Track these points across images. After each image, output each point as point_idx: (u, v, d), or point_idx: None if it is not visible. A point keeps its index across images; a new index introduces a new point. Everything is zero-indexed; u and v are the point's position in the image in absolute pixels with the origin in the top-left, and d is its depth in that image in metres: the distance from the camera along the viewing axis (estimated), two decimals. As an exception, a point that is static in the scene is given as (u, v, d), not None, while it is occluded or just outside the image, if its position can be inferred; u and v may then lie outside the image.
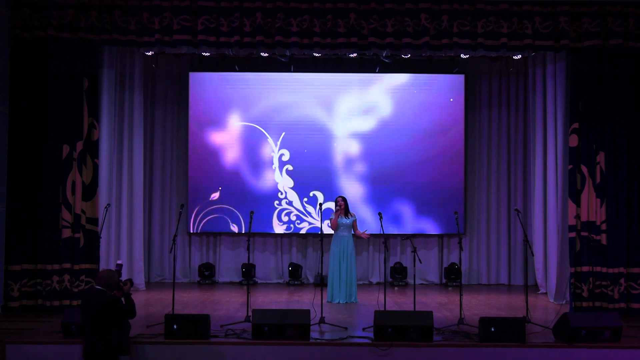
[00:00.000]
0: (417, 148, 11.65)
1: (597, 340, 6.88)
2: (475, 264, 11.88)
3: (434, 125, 11.66)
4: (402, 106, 11.67)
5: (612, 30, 8.67)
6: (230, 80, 11.67)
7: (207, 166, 11.65)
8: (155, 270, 11.78)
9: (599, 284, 8.65)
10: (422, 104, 11.67)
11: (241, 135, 11.63)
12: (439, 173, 11.66)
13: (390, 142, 11.65)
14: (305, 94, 11.65)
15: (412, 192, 11.64)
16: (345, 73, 11.64)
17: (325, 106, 11.66)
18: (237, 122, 11.61)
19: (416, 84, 11.68)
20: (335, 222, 9.54)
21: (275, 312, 7.23)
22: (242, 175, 11.67)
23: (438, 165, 11.65)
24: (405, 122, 11.66)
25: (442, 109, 11.68)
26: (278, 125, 11.65)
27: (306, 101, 11.65)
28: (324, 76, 11.65)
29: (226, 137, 11.64)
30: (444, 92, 11.70)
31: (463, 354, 6.82)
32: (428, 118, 11.66)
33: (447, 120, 11.66)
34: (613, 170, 8.79)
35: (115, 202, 10.41)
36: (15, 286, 8.47)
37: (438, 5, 8.73)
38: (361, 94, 11.68)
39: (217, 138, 11.63)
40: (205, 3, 8.64)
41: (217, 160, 11.65)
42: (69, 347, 6.74)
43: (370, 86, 11.68)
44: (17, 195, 8.57)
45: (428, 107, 11.67)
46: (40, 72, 8.70)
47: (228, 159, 11.66)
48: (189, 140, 11.66)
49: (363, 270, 11.68)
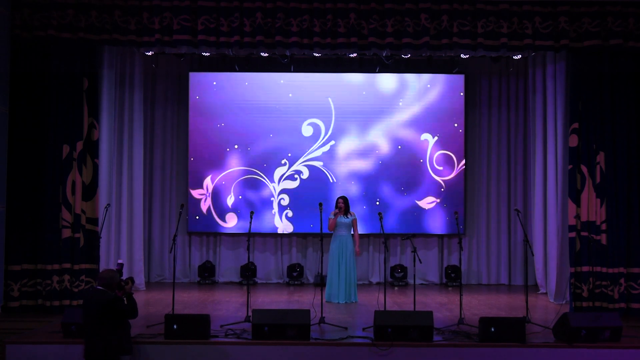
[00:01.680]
0: (417, 148, 11.67)
1: (597, 340, 6.88)
2: (475, 264, 11.88)
3: (434, 125, 11.67)
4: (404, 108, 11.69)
5: (612, 30, 8.67)
6: (230, 80, 11.68)
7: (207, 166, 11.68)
8: (155, 270, 11.78)
9: (599, 284, 8.65)
10: (423, 104, 11.68)
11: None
12: (439, 173, 11.66)
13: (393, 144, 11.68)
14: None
15: (412, 190, 11.66)
16: (345, 73, 11.64)
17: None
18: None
19: (416, 84, 11.69)
20: (333, 223, 9.53)
21: (275, 312, 7.22)
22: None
23: (438, 165, 11.66)
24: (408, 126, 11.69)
25: (442, 109, 11.68)
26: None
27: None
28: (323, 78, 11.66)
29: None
30: (444, 92, 11.70)
31: (463, 354, 6.82)
32: (428, 118, 11.67)
33: (447, 120, 11.67)
34: (613, 170, 8.79)
35: (115, 202, 10.41)
36: (15, 286, 8.46)
37: (438, 5, 8.73)
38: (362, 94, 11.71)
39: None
40: (205, 3, 8.64)
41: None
42: (69, 347, 6.74)
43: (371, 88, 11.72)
44: (17, 195, 8.57)
45: (428, 107, 11.68)
46: (40, 72, 8.70)
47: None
48: (189, 140, 11.66)
49: (363, 270, 11.68)
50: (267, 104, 11.65)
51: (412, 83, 11.67)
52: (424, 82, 11.68)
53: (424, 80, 11.69)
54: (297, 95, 11.66)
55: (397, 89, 11.68)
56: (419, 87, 11.68)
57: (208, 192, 11.62)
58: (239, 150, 11.64)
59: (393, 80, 11.67)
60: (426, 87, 11.67)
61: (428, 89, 11.67)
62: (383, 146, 11.67)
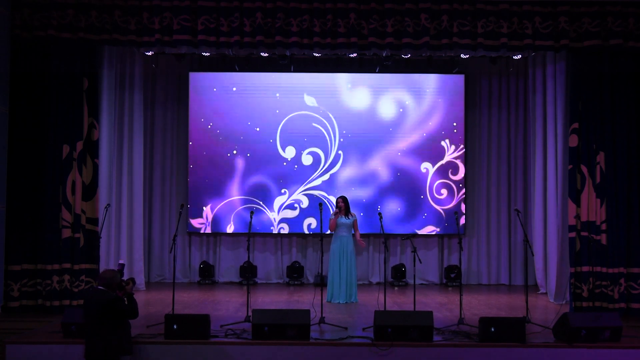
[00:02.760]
0: (417, 148, 11.68)
1: (597, 340, 6.88)
2: (475, 264, 11.88)
3: (434, 125, 11.67)
4: (404, 108, 11.69)
5: (612, 30, 8.67)
6: (230, 80, 11.67)
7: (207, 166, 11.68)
8: (155, 270, 11.78)
9: (599, 284, 8.65)
10: (423, 104, 11.68)
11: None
12: (439, 173, 11.67)
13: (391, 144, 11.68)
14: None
15: (411, 191, 11.65)
16: (345, 73, 11.65)
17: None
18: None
19: (416, 84, 11.69)
20: (333, 224, 9.53)
21: (275, 312, 7.22)
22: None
23: (438, 165, 11.66)
24: (407, 124, 11.69)
25: (442, 109, 11.69)
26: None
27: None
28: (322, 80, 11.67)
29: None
30: (445, 92, 11.71)
31: (463, 354, 6.82)
32: (428, 118, 11.67)
33: (447, 120, 11.67)
34: (613, 170, 8.79)
35: (115, 202, 10.41)
36: (15, 286, 8.46)
37: (438, 5, 8.73)
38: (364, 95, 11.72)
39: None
40: (205, 3, 8.63)
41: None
42: (69, 347, 6.74)
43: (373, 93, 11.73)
44: (17, 195, 8.57)
45: (428, 107, 11.68)
46: (40, 72, 8.69)
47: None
48: (189, 140, 11.66)
49: (363, 270, 11.68)
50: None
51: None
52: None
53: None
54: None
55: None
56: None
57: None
58: (240, 155, 11.64)
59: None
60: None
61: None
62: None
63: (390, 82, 11.67)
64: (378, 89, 11.69)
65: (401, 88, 11.68)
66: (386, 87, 11.68)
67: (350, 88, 11.68)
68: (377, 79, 11.66)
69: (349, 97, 11.68)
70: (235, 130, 11.65)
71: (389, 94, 11.68)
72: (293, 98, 11.67)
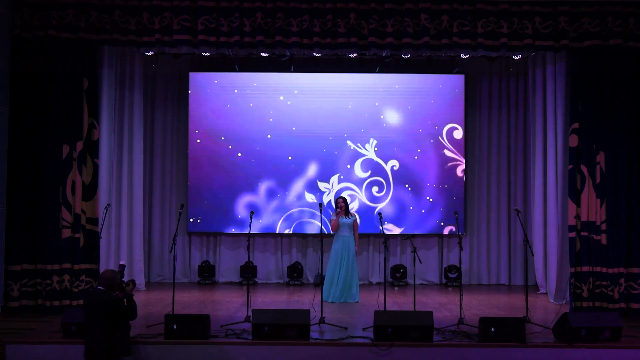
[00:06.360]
0: (417, 148, 11.68)
1: (597, 340, 6.88)
2: (475, 264, 11.88)
3: (434, 125, 11.67)
4: (404, 108, 11.70)
5: (612, 30, 8.67)
6: (230, 80, 11.68)
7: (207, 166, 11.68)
8: (155, 270, 11.78)
9: (599, 284, 8.65)
10: (423, 104, 11.68)
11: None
12: (439, 173, 11.67)
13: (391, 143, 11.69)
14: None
15: (412, 191, 11.67)
16: (345, 73, 11.65)
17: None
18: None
19: (416, 84, 11.69)
20: (335, 224, 9.53)
21: (275, 312, 7.21)
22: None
23: (438, 165, 11.67)
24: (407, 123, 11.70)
25: (442, 109, 11.69)
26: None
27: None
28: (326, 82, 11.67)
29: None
30: (445, 92, 11.71)
31: (463, 354, 6.82)
32: (428, 118, 11.68)
33: (447, 120, 11.67)
34: (613, 170, 8.79)
35: (115, 202, 10.41)
36: (15, 286, 8.47)
37: (438, 5, 8.73)
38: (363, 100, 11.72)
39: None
40: (205, 3, 8.64)
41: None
42: (69, 347, 6.74)
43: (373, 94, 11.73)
44: (17, 195, 8.57)
45: (428, 107, 11.68)
46: (40, 72, 8.70)
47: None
48: (189, 140, 11.66)
49: (363, 270, 11.66)
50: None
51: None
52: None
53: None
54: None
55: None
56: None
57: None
58: (240, 155, 11.64)
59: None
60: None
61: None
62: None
63: (390, 82, 11.68)
64: (378, 89, 11.69)
65: (401, 88, 11.68)
66: (386, 87, 11.68)
67: (350, 88, 11.68)
68: (377, 79, 11.67)
69: (349, 97, 11.68)
70: (235, 130, 11.65)
71: (389, 94, 11.68)
72: (293, 98, 11.68)
